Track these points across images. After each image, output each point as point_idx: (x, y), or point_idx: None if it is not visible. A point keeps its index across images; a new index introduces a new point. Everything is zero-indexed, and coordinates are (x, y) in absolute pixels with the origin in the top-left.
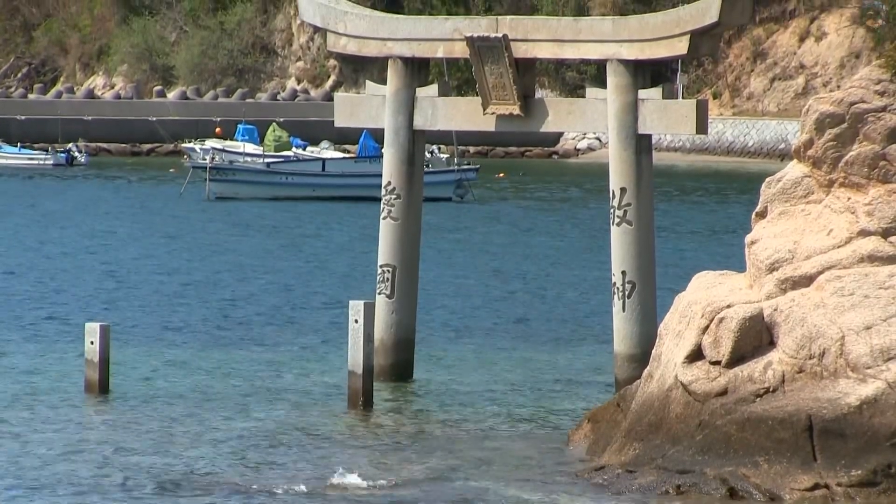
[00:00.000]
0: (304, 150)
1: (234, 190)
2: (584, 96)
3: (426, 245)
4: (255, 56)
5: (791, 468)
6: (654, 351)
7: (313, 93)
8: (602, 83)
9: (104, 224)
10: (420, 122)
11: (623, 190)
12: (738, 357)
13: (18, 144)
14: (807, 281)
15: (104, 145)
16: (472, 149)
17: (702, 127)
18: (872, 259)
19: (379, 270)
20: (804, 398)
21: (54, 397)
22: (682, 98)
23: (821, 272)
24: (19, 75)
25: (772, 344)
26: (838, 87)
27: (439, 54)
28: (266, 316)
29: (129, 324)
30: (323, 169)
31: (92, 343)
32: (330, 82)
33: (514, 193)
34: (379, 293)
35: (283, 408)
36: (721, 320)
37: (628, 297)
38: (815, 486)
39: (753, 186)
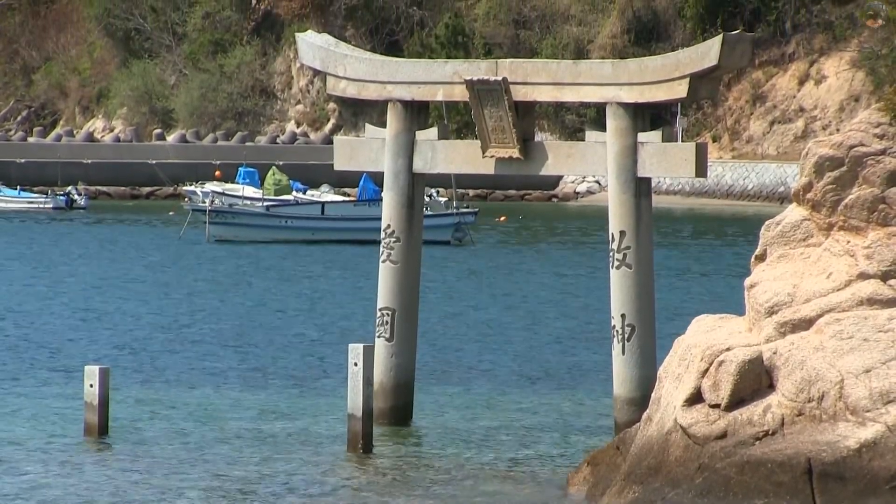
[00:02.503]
0: (304, 193)
1: (234, 233)
2: (583, 139)
3: (425, 288)
4: (254, 99)
5: None
6: (653, 394)
7: (313, 136)
8: (601, 126)
9: (103, 267)
10: (420, 166)
11: (622, 233)
12: (738, 400)
13: (18, 188)
14: (806, 324)
15: (104, 188)
16: (471, 192)
17: (701, 170)
18: (872, 302)
19: (378, 313)
20: (803, 441)
21: (53, 440)
22: (682, 141)
23: (820, 315)
24: (19, 118)
25: (771, 387)
26: (838, 130)
27: (439, 97)
28: (265, 359)
29: (129, 367)
30: (322, 212)
31: (91, 386)
32: (329, 125)
33: (513, 236)
34: (378, 336)
35: (283, 451)
36: (720, 363)
37: (628, 341)
38: None
39: (753, 229)
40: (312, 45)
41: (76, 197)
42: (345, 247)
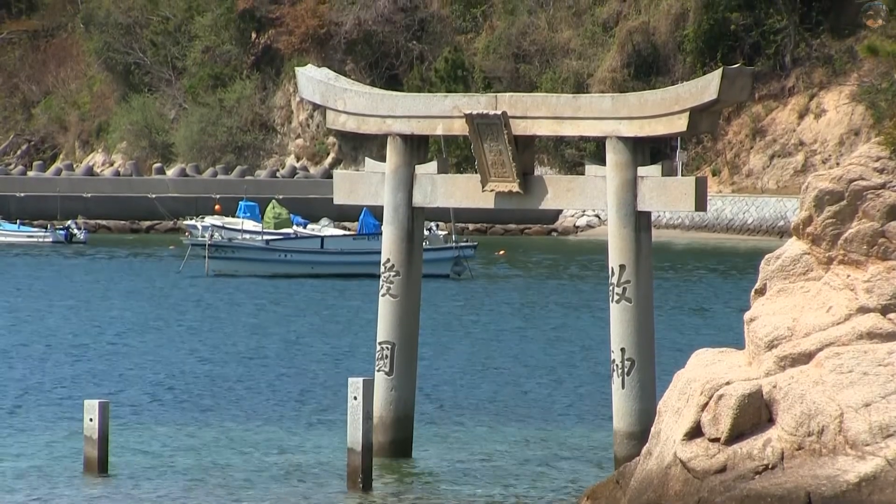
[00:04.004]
0: (304, 227)
1: (233, 267)
2: (583, 173)
3: (424, 322)
4: (254, 133)
5: None
6: (653, 428)
7: (312, 170)
8: (601, 160)
9: (102, 301)
10: (419, 200)
11: (622, 267)
12: (737, 434)
13: (17, 221)
14: (806, 358)
15: (103, 222)
16: (470, 226)
17: (701, 204)
18: (871, 336)
19: (378, 347)
20: (803, 475)
21: (53, 475)
22: (682, 175)
23: (820, 349)
24: (19, 152)
25: (771, 421)
26: (837, 164)
27: (438, 131)
28: (264, 393)
29: (128, 401)
30: (322, 246)
31: (91, 420)
32: (329, 159)
33: (512, 270)
34: (378, 370)
35: (283, 486)
36: (720, 397)
37: (627, 375)
38: None
39: (752, 263)
40: (312, 79)
41: (76, 231)
42: (344, 281)
